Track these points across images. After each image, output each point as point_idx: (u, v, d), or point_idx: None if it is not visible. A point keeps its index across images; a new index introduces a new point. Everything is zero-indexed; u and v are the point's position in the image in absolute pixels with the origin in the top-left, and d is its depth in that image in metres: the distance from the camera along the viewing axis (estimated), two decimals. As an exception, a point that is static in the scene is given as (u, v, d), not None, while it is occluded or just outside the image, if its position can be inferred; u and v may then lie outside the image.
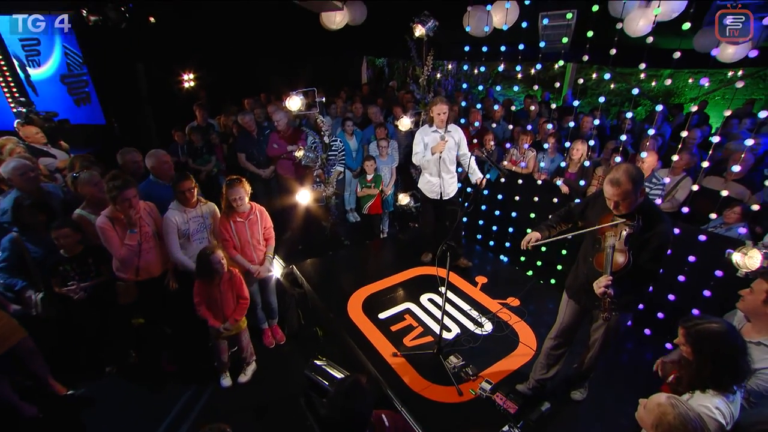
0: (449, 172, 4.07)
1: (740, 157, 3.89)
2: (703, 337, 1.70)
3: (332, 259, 4.72)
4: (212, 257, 2.89)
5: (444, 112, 3.80)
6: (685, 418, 1.44)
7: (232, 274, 3.09)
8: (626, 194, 2.04)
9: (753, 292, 1.96)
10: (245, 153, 5.17)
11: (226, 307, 3.10)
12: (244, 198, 3.14)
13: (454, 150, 4.01)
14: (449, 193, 4.14)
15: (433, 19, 4.32)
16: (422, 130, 4.06)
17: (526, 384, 2.81)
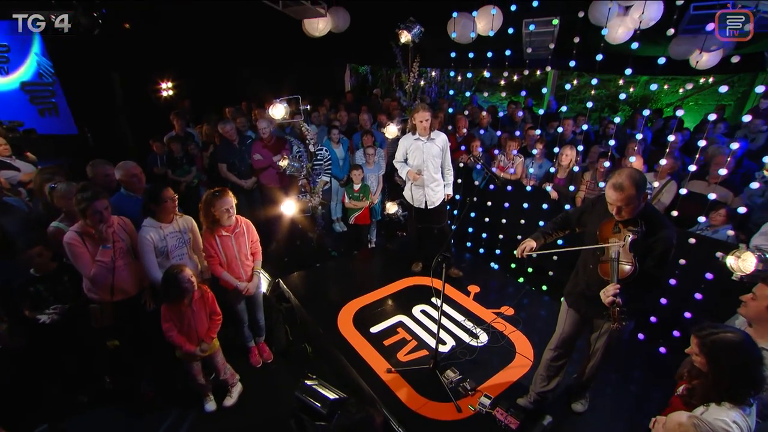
0: (433, 179, 3.99)
1: (724, 160, 3.96)
2: (720, 348, 1.63)
3: (320, 272, 4.57)
4: (180, 276, 2.67)
5: (426, 120, 3.74)
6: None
7: (203, 291, 2.91)
8: (630, 199, 1.99)
9: (756, 297, 1.93)
10: (226, 163, 4.99)
11: (200, 327, 2.90)
12: (233, 210, 2.99)
13: (438, 157, 3.94)
14: (434, 201, 4.06)
15: (418, 25, 4.28)
16: (405, 138, 4.01)
17: (527, 397, 2.72)
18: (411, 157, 3.98)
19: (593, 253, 2.25)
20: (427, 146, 3.86)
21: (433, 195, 4.03)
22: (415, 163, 3.95)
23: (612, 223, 2.15)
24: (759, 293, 1.93)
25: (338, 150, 5.50)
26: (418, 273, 4.38)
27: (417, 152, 3.90)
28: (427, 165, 3.88)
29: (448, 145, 3.97)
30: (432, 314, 3.72)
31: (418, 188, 4.02)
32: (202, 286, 2.93)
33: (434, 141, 3.86)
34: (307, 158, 4.54)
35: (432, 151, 3.87)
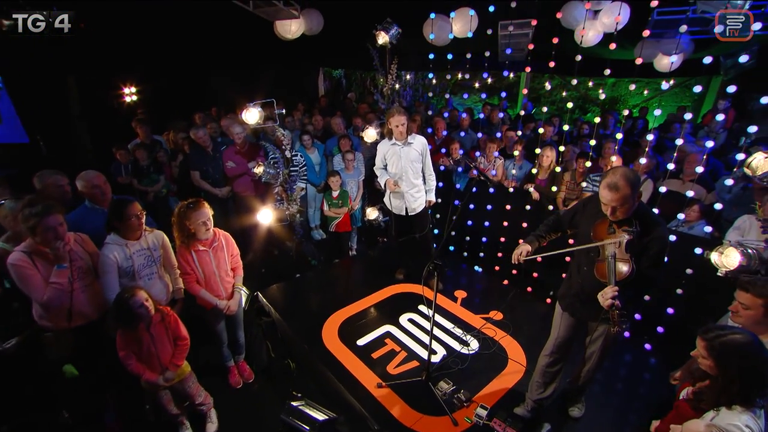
0: (413, 185, 3.86)
1: (698, 158, 4.07)
2: (729, 351, 1.59)
3: (300, 282, 4.37)
4: (132, 301, 2.38)
5: (402, 124, 3.63)
6: None
7: (164, 314, 2.61)
8: (625, 199, 1.94)
9: (748, 308, 1.90)
10: (199, 171, 4.71)
11: (163, 354, 2.60)
12: (210, 222, 2.77)
13: (418, 162, 3.82)
14: (415, 208, 3.94)
15: (396, 26, 4.19)
16: (383, 143, 3.89)
17: (524, 406, 2.64)
18: (390, 164, 3.85)
19: (587, 254, 2.20)
20: (405, 151, 3.74)
21: (413, 202, 3.91)
22: (395, 170, 3.82)
23: (606, 224, 2.10)
24: (750, 303, 1.91)
25: (313, 155, 5.33)
26: (402, 280, 4.26)
27: (395, 158, 3.78)
28: (406, 170, 3.76)
29: (427, 149, 3.86)
30: (420, 323, 3.60)
31: (397, 196, 3.90)
32: (163, 308, 2.66)
33: (412, 145, 3.75)
34: (283, 164, 4.35)
35: (410, 155, 3.75)
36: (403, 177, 3.79)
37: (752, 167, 2.47)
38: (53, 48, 5.23)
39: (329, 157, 5.53)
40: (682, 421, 1.82)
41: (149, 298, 2.49)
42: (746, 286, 1.90)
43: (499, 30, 4.96)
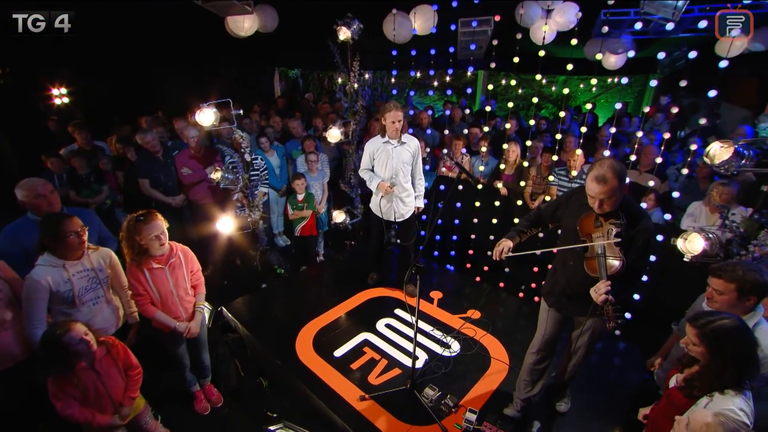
0: (404, 189, 3.63)
1: (653, 150, 4.27)
2: (721, 337, 1.60)
3: (267, 293, 4.11)
4: (67, 338, 2.00)
5: (399, 120, 3.37)
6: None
7: (109, 345, 2.27)
8: (613, 191, 1.91)
9: (721, 293, 1.95)
10: (149, 179, 4.31)
11: (114, 390, 2.26)
12: (164, 236, 2.47)
13: (409, 164, 3.59)
14: (404, 214, 3.70)
15: (357, 21, 4.04)
16: (372, 141, 3.60)
17: (513, 406, 2.59)
18: (378, 164, 3.58)
19: (572, 249, 2.18)
20: (398, 151, 3.50)
21: (403, 207, 3.68)
22: (383, 172, 3.56)
23: (592, 217, 2.07)
24: (720, 287, 1.95)
25: (273, 158, 5.06)
26: (375, 285, 4.11)
27: (385, 157, 3.52)
28: (396, 172, 3.52)
29: (420, 151, 3.65)
30: (398, 327, 3.48)
31: (387, 200, 3.65)
32: (107, 339, 2.33)
33: (406, 145, 3.52)
34: (243, 169, 4.07)
35: (402, 156, 3.50)
36: (393, 179, 3.55)
37: (710, 156, 2.56)
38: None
39: (290, 159, 5.28)
40: (674, 409, 1.83)
41: (89, 331, 2.15)
42: (718, 273, 1.94)
43: (459, 27, 4.96)
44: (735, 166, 2.48)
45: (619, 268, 1.92)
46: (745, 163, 2.50)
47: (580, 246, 2.08)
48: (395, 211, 3.65)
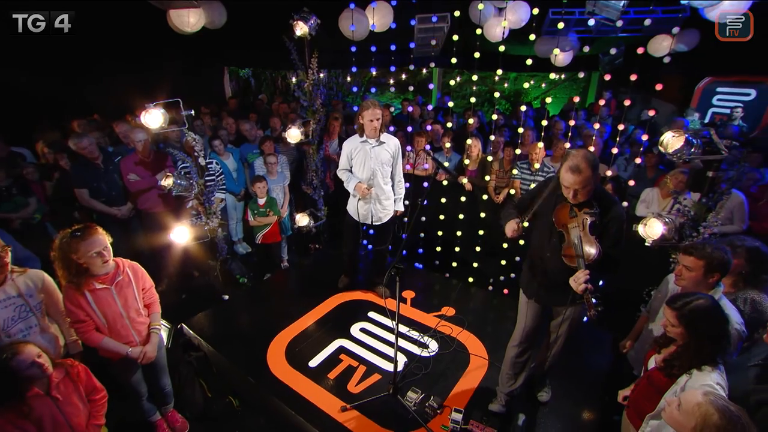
0: (383, 192, 3.46)
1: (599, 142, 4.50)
2: (698, 317, 1.66)
3: (231, 305, 3.86)
4: (14, 363, 1.74)
5: (378, 119, 3.22)
6: (732, 416, 1.32)
7: (68, 367, 2.01)
8: (587, 181, 1.94)
9: (690, 269, 2.05)
10: (87, 188, 3.88)
11: (76, 419, 1.98)
12: (108, 252, 2.20)
13: (389, 165, 3.45)
14: (381, 218, 3.56)
15: (314, 16, 3.88)
16: (350, 140, 3.45)
17: (497, 401, 2.58)
18: (356, 164, 3.42)
19: (549, 241, 2.19)
20: (376, 151, 3.35)
21: (381, 210, 3.52)
22: (361, 173, 3.41)
23: (567, 208, 2.09)
24: (690, 264, 2.06)
25: (229, 161, 4.78)
26: (344, 289, 3.98)
27: (363, 158, 3.37)
28: (375, 173, 3.38)
29: (400, 152, 3.51)
30: (374, 331, 3.39)
31: (366, 202, 3.49)
32: (65, 361, 2.06)
33: (384, 145, 3.38)
34: (197, 174, 3.78)
35: (381, 156, 3.36)
36: (372, 181, 3.40)
37: (664, 145, 2.71)
38: None
39: (246, 162, 5.01)
40: (655, 389, 1.89)
41: (42, 352, 1.88)
42: (690, 251, 2.04)
43: (417, 23, 4.93)
44: (686, 153, 2.63)
45: (596, 257, 1.94)
46: (694, 151, 2.67)
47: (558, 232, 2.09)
48: (373, 214, 3.52)
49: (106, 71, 6.22)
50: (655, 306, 2.43)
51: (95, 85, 6.26)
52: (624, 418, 2.15)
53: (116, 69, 6.20)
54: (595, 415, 2.63)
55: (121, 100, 5.69)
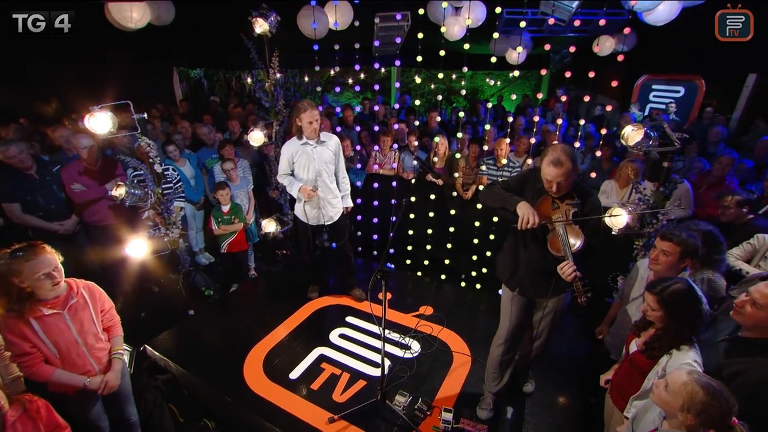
0: (330, 191, 3.47)
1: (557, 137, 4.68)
2: (676, 300, 1.75)
3: (198, 321, 3.62)
4: None
5: (316, 120, 3.20)
6: (717, 393, 1.40)
7: (26, 403, 1.79)
8: (569, 173, 1.99)
9: (667, 255, 2.17)
10: (20, 202, 3.47)
11: None
12: (58, 272, 1.97)
13: (332, 164, 3.44)
14: (332, 217, 3.53)
15: (274, 12, 3.72)
16: (289, 144, 3.37)
17: (485, 404, 2.58)
18: (299, 167, 3.35)
19: (532, 233, 2.22)
20: (318, 151, 3.31)
21: (331, 209, 3.49)
22: (306, 175, 3.35)
23: (549, 201, 2.13)
24: (668, 249, 2.18)
25: (186, 168, 4.48)
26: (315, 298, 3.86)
27: (306, 160, 3.31)
28: (320, 173, 3.34)
29: (341, 149, 3.50)
30: (353, 336, 3.31)
31: (313, 204, 3.44)
32: (22, 397, 1.83)
33: (326, 144, 3.34)
34: (153, 182, 3.51)
35: (324, 156, 3.33)
36: (318, 182, 3.35)
37: (625, 138, 2.86)
38: None
39: (204, 168, 4.73)
40: (637, 371, 1.97)
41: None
42: (668, 237, 2.16)
43: (378, 21, 4.89)
44: (645, 145, 2.79)
45: (581, 246, 2.00)
46: (652, 143, 2.83)
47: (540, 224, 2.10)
48: (324, 215, 3.48)
49: (31, 69, 5.59)
50: (627, 291, 2.54)
51: (18, 83, 5.61)
52: (607, 401, 2.23)
53: (44, 67, 5.59)
54: (577, 401, 2.72)
55: (51, 102, 5.15)
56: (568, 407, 2.70)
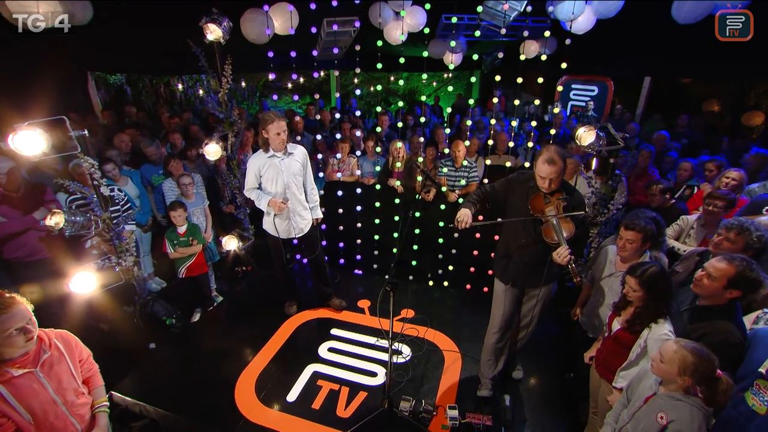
0: (299, 203, 3.40)
1: (506, 137, 5.05)
2: (654, 281, 2.04)
3: (165, 354, 3.32)
4: None
5: (284, 131, 3.13)
6: (701, 353, 1.66)
7: None
8: (560, 171, 2.23)
9: (632, 242, 2.48)
10: None
11: None
12: (32, 324, 1.70)
13: (300, 175, 3.38)
14: (303, 228, 3.47)
15: (227, 18, 3.50)
16: (255, 157, 3.26)
17: (484, 387, 2.76)
18: (266, 180, 3.25)
19: (524, 228, 2.43)
20: (286, 163, 3.23)
21: (301, 221, 3.42)
22: (274, 188, 3.26)
23: (541, 197, 2.37)
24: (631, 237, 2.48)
25: (129, 187, 4.04)
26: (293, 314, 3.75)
27: (273, 172, 3.22)
28: (289, 186, 3.26)
29: (308, 160, 3.44)
30: (343, 348, 3.29)
31: (283, 217, 3.35)
32: None
33: (293, 156, 3.27)
34: (99, 206, 3.13)
35: (292, 168, 3.26)
36: (287, 194, 3.26)
37: (579, 138, 3.19)
38: None
39: (150, 186, 4.31)
40: (622, 347, 2.24)
41: None
42: (631, 226, 2.47)
43: (324, 27, 4.83)
44: (597, 145, 3.15)
45: (573, 232, 2.27)
46: (602, 143, 3.21)
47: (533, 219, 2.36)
48: (294, 227, 3.42)
49: None
50: (597, 275, 2.82)
51: None
52: (593, 374, 2.50)
53: None
54: (561, 379, 2.99)
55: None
56: (554, 385, 2.97)
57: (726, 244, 2.46)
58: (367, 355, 3.19)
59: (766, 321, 2.15)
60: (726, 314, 2.07)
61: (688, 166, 4.04)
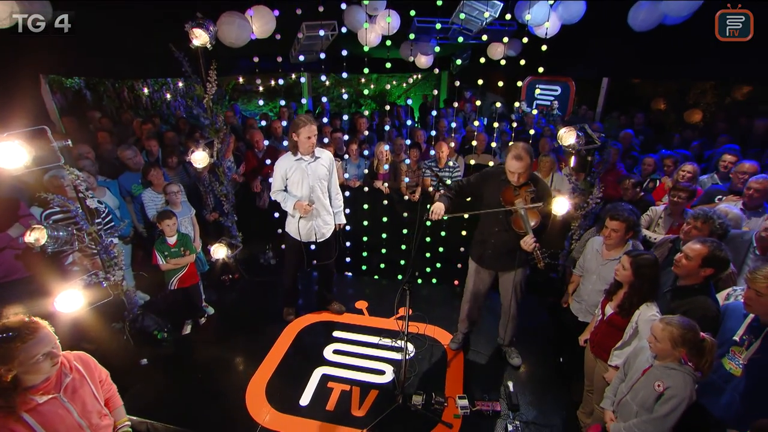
0: (323, 207, 3.39)
1: (484, 137, 5.28)
2: (644, 265, 2.27)
3: (161, 368, 3.23)
4: None
5: (314, 135, 3.14)
6: (683, 323, 1.89)
7: None
8: (528, 166, 2.52)
9: (616, 231, 2.72)
10: None
11: None
12: (57, 348, 1.65)
13: (326, 180, 3.38)
14: (324, 233, 3.48)
15: (212, 22, 3.43)
16: (284, 158, 3.27)
17: (456, 339, 3.27)
18: (292, 183, 3.25)
19: (496, 218, 2.69)
20: (313, 167, 3.23)
21: (323, 226, 3.43)
22: (299, 191, 3.26)
23: (511, 189, 2.64)
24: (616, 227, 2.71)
25: (107, 198, 3.86)
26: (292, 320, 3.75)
27: (300, 176, 3.22)
28: (314, 190, 3.27)
29: (335, 165, 3.44)
30: (348, 349, 3.35)
31: (306, 220, 3.34)
32: None
33: (320, 160, 3.27)
34: (85, 220, 2.99)
35: (318, 172, 3.26)
36: (311, 197, 3.27)
37: (561, 139, 3.43)
38: None
39: (130, 197, 4.13)
40: (616, 329, 2.46)
41: None
42: (616, 216, 2.71)
43: (305, 31, 4.82)
44: (578, 144, 3.40)
45: (539, 222, 2.54)
46: (581, 142, 3.46)
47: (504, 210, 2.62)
48: (316, 231, 3.42)
49: None
50: (586, 265, 3.05)
51: None
52: (588, 355, 2.72)
53: None
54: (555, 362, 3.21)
55: None
56: (550, 368, 3.18)
57: (694, 232, 2.76)
58: (373, 354, 3.27)
59: (736, 297, 2.44)
60: (703, 291, 2.34)
61: (652, 161, 4.43)
